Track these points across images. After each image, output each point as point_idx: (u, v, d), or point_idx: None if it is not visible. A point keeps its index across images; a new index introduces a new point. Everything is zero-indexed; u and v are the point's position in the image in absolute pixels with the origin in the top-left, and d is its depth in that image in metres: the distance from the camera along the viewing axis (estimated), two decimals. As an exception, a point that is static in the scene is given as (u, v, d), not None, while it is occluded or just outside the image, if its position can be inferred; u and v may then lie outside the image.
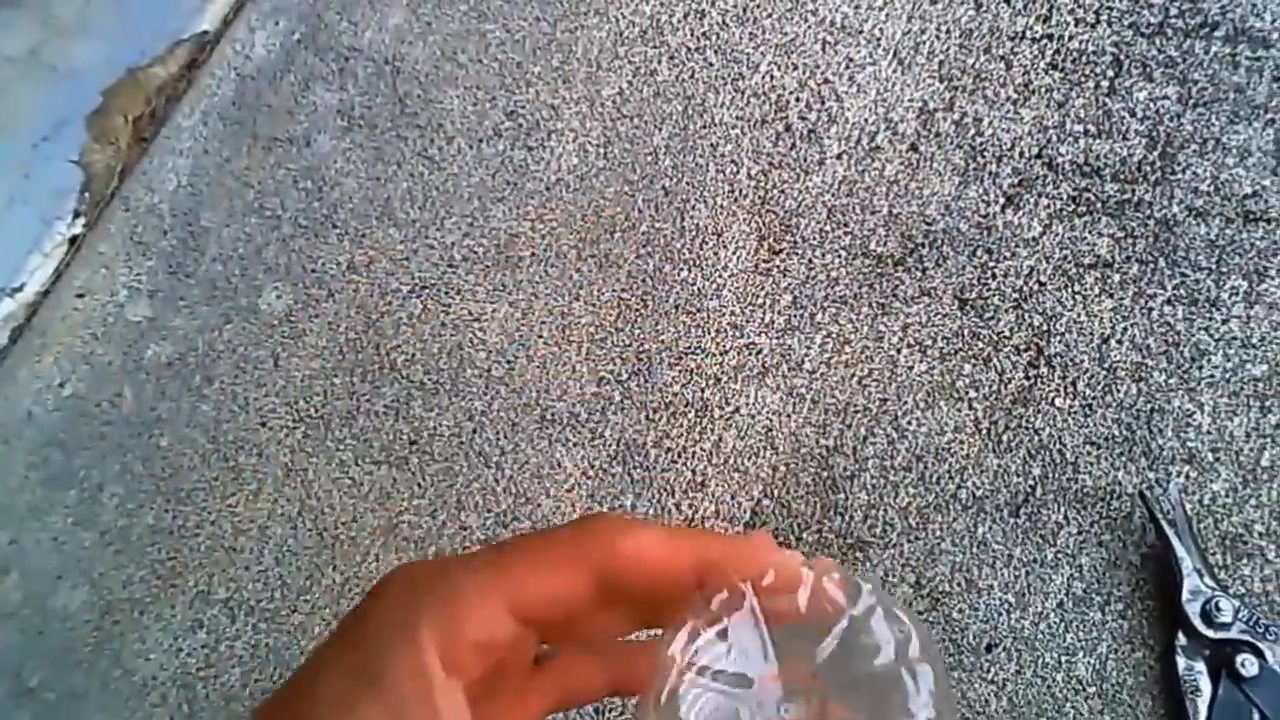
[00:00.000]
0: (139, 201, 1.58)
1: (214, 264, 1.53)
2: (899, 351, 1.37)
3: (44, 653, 1.37)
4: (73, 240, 1.60)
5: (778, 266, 1.43)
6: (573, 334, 1.43)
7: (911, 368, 1.36)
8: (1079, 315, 1.36)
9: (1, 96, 1.69)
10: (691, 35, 1.56)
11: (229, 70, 1.65)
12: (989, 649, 1.22)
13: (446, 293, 1.47)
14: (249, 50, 1.65)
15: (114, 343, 1.51)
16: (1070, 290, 1.37)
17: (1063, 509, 1.27)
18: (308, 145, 1.58)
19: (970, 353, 1.36)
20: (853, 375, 1.37)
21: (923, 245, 1.42)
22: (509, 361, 1.42)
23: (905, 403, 1.35)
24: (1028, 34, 1.49)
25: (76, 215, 1.62)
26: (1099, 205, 1.40)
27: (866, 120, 1.49)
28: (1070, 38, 1.48)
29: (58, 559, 1.40)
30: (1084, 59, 1.47)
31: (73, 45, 1.72)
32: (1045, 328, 1.35)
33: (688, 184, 1.49)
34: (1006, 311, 1.37)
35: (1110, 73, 1.46)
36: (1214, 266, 1.35)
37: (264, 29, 1.66)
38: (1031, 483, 1.29)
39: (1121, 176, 1.41)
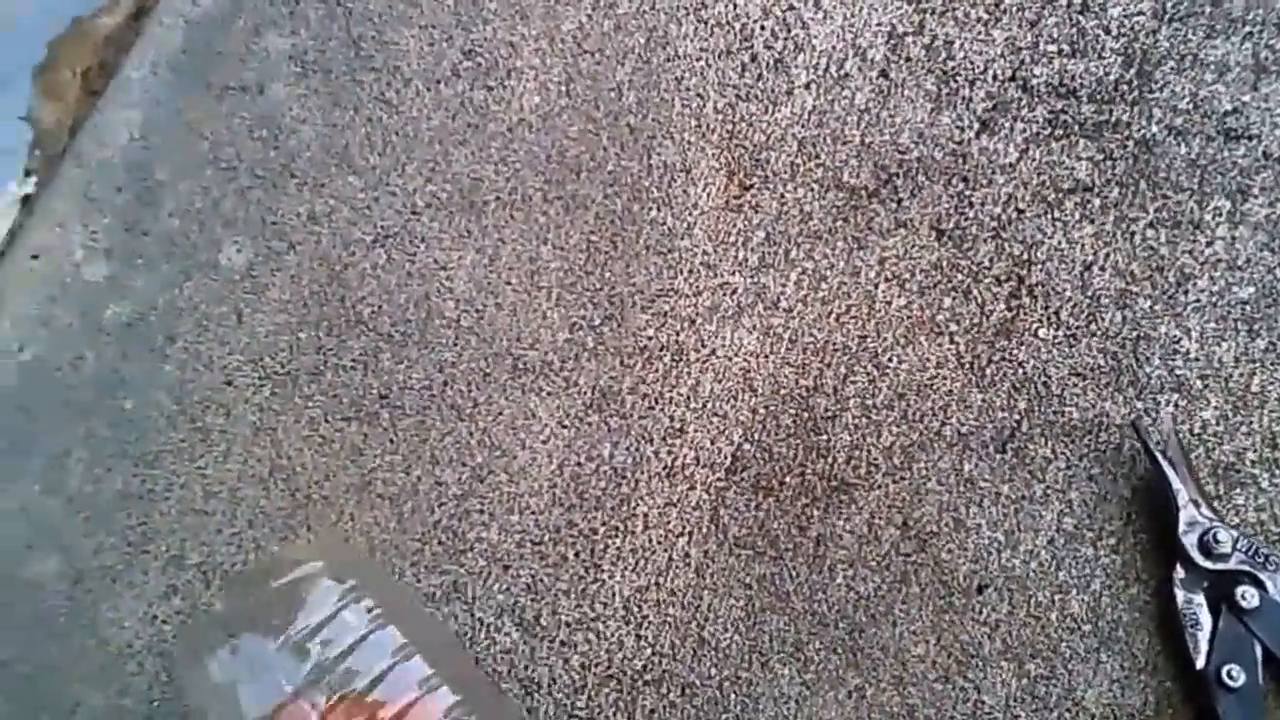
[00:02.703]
0: (91, 157, 1.45)
1: (171, 219, 1.40)
2: (876, 286, 1.27)
3: (16, 625, 1.26)
4: (25, 200, 1.46)
5: (749, 203, 1.32)
6: (542, 280, 1.31)
7: (890, 303, 1.26)
8: (1059, 242, 1.25)
9: (-55, 52, 1.55)
10: (652, -35, 1.43)
11: (177, 18, 1.50)
12: (980, 590, 1.13)
13: (411, 241, 1.35)
14: (197, -4, 1.51)
15: (72, 304, 1.38)
16: (1050, 217, 1.26)
17: (1050, 443, 1.18)
18: (261, 93, 1.44)
19: (950, 285, 1.25)
20: (830, 312, 1.26)
21: (897, 175, 1.30)
22: (478, 310, 1.31)
23: (885, 339, 1.24)
24: (997, -48, 1.37)
25: (28, 174, 1.48)
26: (1076, 127, 1.29)
27: (834, 47, 1.37)
28: (1040, -45, 1.36)
29: (26, 528, 1.29)
30: (1054, -24, 1.35)
31: (14, -4, 1.57)
32: (1025, 256, 1.25)
33: (653, 120, 1.37)
34: (985, 241, 1.26)
35: (1082, -10, 1.35)
36: (1196, 187, 1.24)
37: (212, -27, 1.52)
38: (1017, 417, 1.19)
39: (1098, 97, 1.30)
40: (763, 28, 1.38)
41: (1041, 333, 1.22)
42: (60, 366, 1.36)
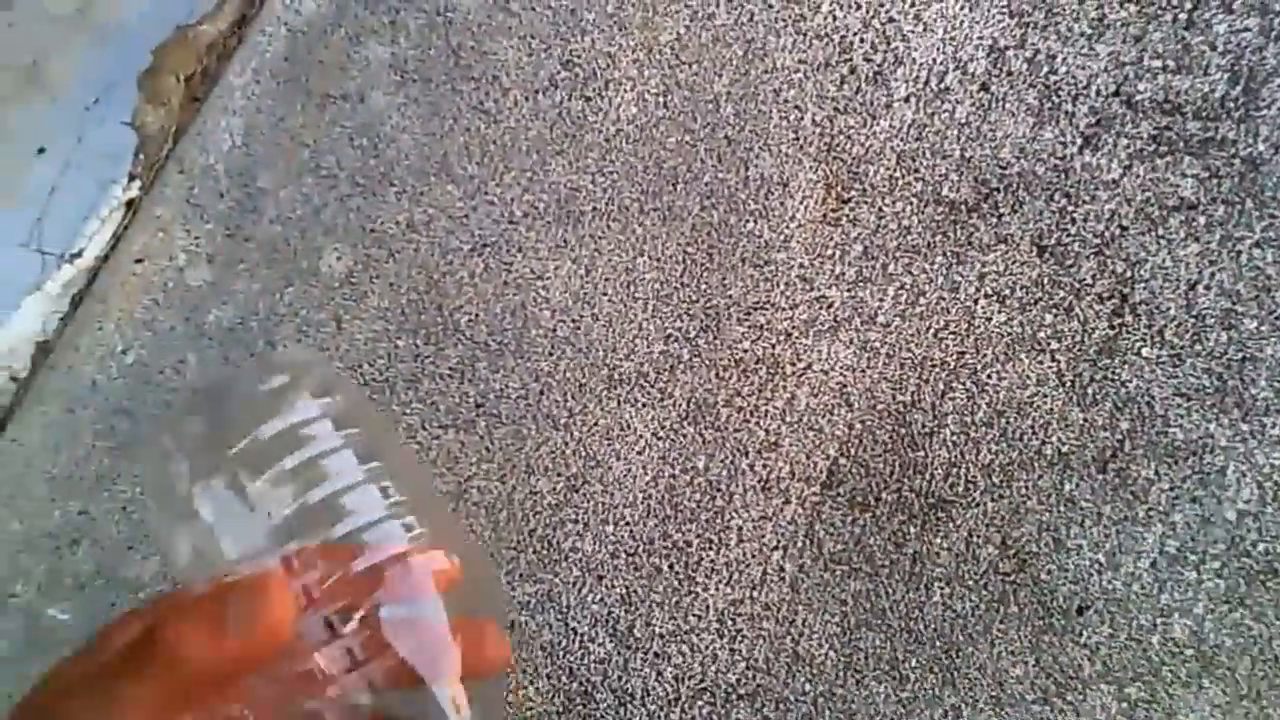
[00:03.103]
0: (194, 163, 1.50)
1: (272, 226, 1.44)
2: (976, 302, 1.28)
3: (118, 622, 1.31)
4: (129, 204, 1.52)
5: (847, 216, 1.34)
6: (638, 290, 1.34)
7: (990, 319, 1.27)
8: (1164, 261, 1.26)
9: (50, 58, 1.61)
10: (751, -24, 1.45)
11: (279, 26, 1.55)
12: (1080, 611, 1.14)
13: (508, 250, 1.38)
14: (299, 5, 1.55)
15: (175, 308, 1.43)
16: (1154, 234, 1.27)
17: (1153, 464, 1.18)
18: (362, 101, 1.48)
19: (1051, 302, 1.26)
20: (928, 328, 1.28)
21: (997, 190, 1.32)
22: (574, 320, 1.34)
23: (984, 355, 1.26)
24: (1102, -35, 1.38)
25: (132, 179, 1.53)
26: (1181, 144, 1.30)
27: (934, 60, 1.39)
28: (1146, -32, 1.37)
29: (127, 529, 1.34)
30: (1161, -10, 1.36)
31: (121, 3, 1.63)
32: (1129, 274, 1.26)
33: (751, 132, 1.39)
34: (1088, 258, 1.27)
35: (1188, 4, 1.35)
36: (1306, 207, 1.25)
37: (312, -18, 1.57)
38: (1119, 437, 1.20)
39: (1204, 114, 1.31)
40: (862, 40, 1.40)
41: (1145, 352, 1.22)
42: (163, 369, 1.40)
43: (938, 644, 1.15)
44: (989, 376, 1.25)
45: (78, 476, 1.37)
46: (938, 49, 1.39)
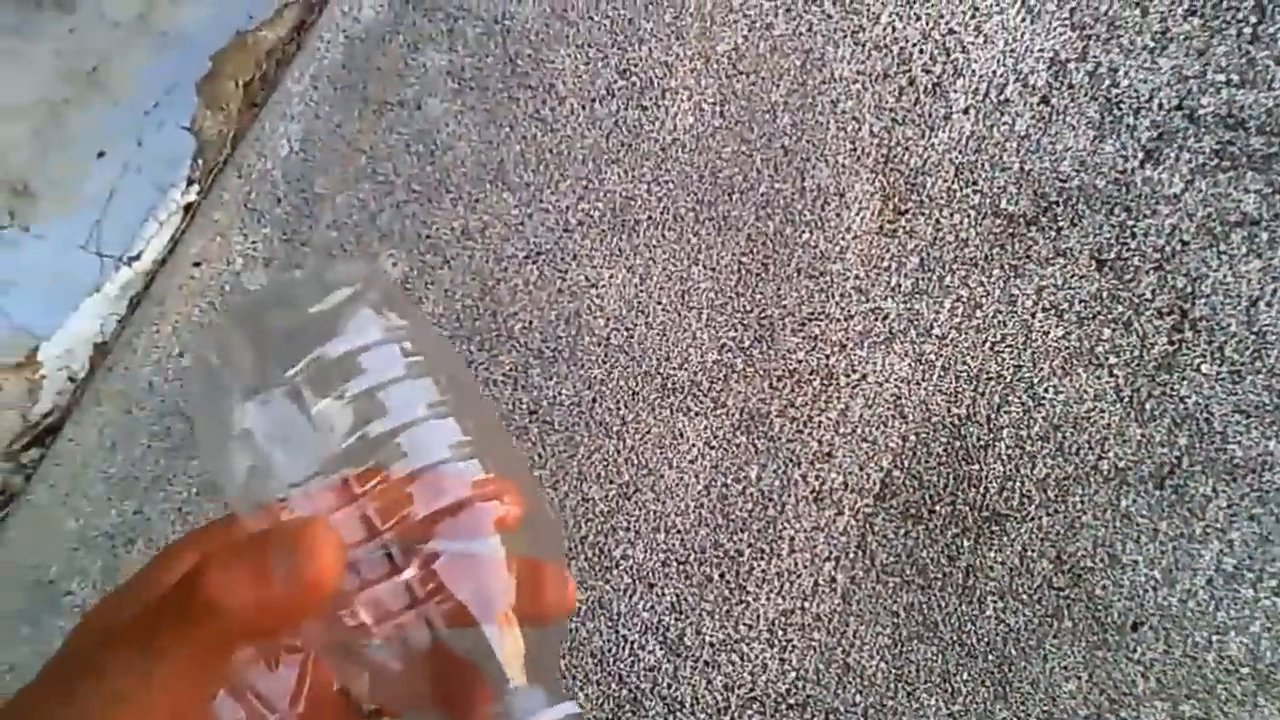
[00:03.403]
0: (251, 168, 1.53)
1: (328, 231, 1.48)
2: (1034, 315, 1.29)
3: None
4: (187, 208, 1.56)
5: (903, 227, 1.35)
6: (692, 299, 1.36)
7: (1047, 332, 1.28)
8: (1225, 276, 1.26)
9: (112, 62, 1.65)
10: (809, -13, 1.47)
11: (337, 32, 1.59)
12: (1135, 627, 1.15)
13: (562, 258, 1.41)
14: (357, 12, 1.59)
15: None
16: (1215, 250, 1.27)
17: (1211, 481, 1.19)
18: (419, 108, 1.51)
19: (1110, 316, 1.27)
20: (985, 341, 1.29)
21: (1057, 203, 1.33)
22: (628, 329, 1.36)
23: (1041, 369, 1.27)
24: (1165, -22, 1.38)
25: (190, 182, 1.57)
26: (1244, 159, 1.30)
27: (994, 72, 1.40)
28: (1210, -19, 1.38)
29: (182, 529, 1.37)
30: (1225, 4, 1.37)
31: (182, 9, 1.67)
32: (1189, 290, 1.26)
33: (807, 142, 1.41)
34: (1148, 273, 1.28)
35: (1253, 18, 1.35)
36: (1372, 223, 1.25)
37: (371, -11, 1.60)
38: (1177, 453, 1.21)
39: (1268, 129, 1.31)
40: (921, 51, 1.41)
41: (1204, 368, 1.23)
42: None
43: (990, 658, 1.16)
44: (1046, 390, 1.25)
45: (133, 477, 1.40)
46: (998, 61, 1.40)
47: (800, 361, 1.32)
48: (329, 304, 0.45)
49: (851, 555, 1.23)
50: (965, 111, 1.39)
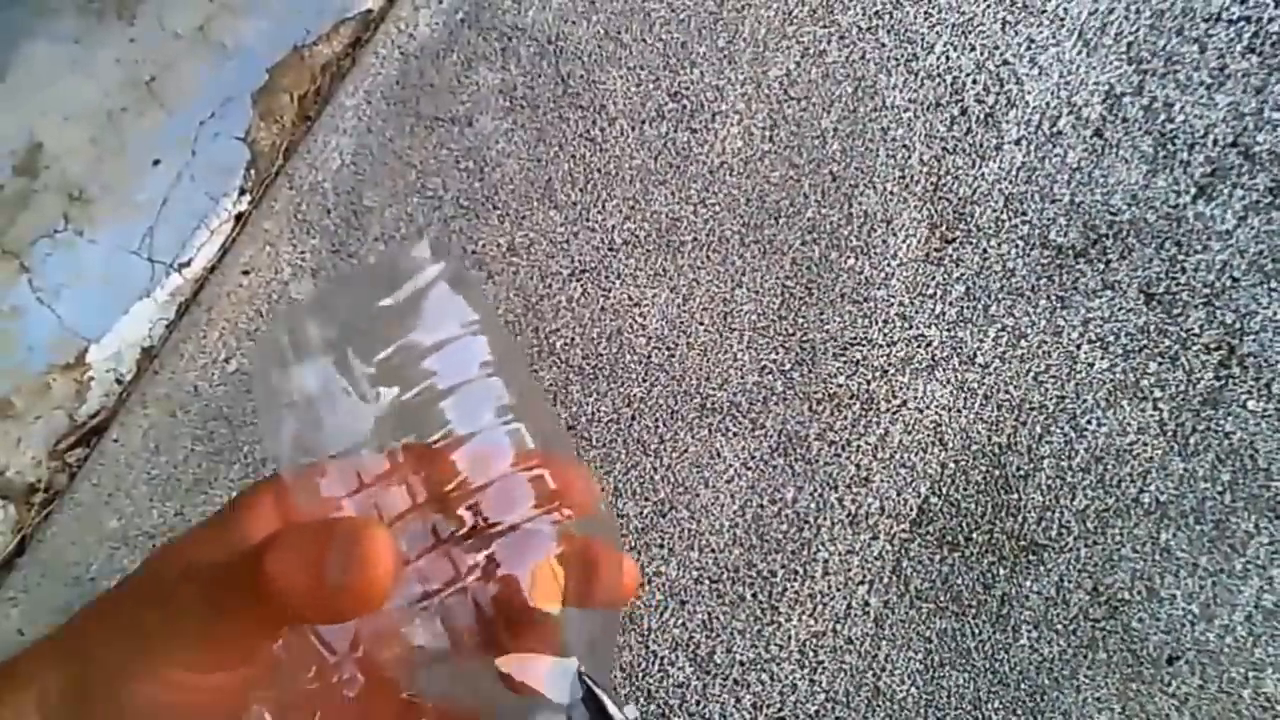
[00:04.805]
0: (303, 179, 1.62)
1: (376, 244, 1.55)
2: (1079, 347, 1.34)
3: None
4: (239, 217, 1.64)
5: (950, 256, 1.41)
6: (735, 321, 1.42)
7: (1092, 364, 1.33)
8: (1275, 314, 1.31)
9: (170, 72, 1.75)
10: (863, 14, 1.54)
11: (393, 49, 1.67)
12: (1170, 661, 1.19)
13: (606, 277, 1.47)
14: (413, 29, 1.67)
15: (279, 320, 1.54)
16: (1266, 287, 1.32)
17: (1253, 517, 1.23)
18: (470, 125, 1.59)
19: (1156, 350, 1.32)
20: (1028, 371, 1.34)
21: (1106, 236, 1.38)
22: (669, 348, 1.42)
23: (1085, 401, 1.31)
24: (1223, 15, 1.44)
25: (242, 192, 1.66)
26: (1299, 196, 1.35)
27: (1048, 104, 1.46)
28: (1269, 20, 1.43)
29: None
30: (1285, 41, 1.42)
31: (241, 22, 1.76)
32: (1238, 326, 1.31)
33: (856, 169, 1.47)
34: (1196, 308, 1.33)
35: (1314, 56, 1.41)
36: None
37: (428, 8, 1.69)
38: (1220, 489, 1.25)
39: (1324, 166, 1.36)
40: (974, 81, 1.47)
41: (1251, 404, 1.27)
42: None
43: (1023, 687, 1.20)
44: (1089, 422, 1.30)
45: (175, 479, 1.48)
46: (1052, 93, 1.46)
47: (841, 386, 1.37)
48: (403, 294, 0.47)
49: (885, 580, 1.28)
50: (1017, 142, 1.45)
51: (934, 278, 1.40)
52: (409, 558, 0.43)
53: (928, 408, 1.35)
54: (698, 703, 1.26)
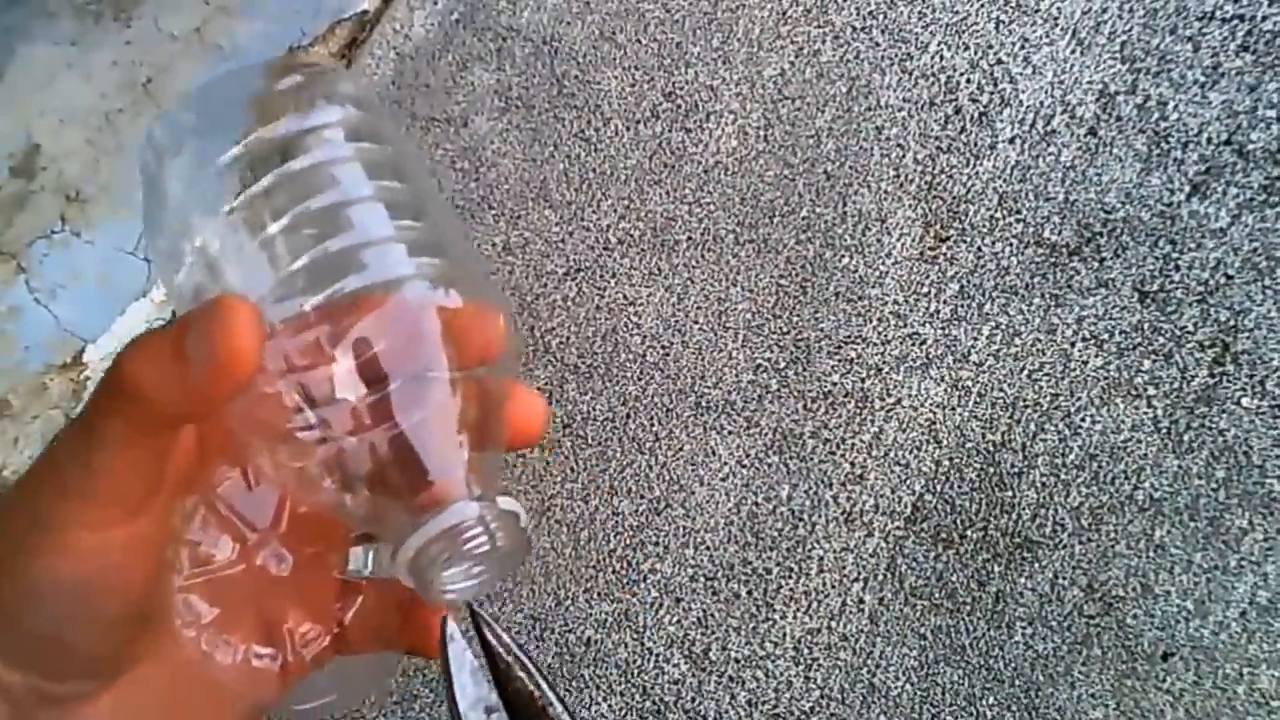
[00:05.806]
0: (298, 180, 1.62)
1: (371, 243, 1.55)
2: (1073, 345, 1.34)
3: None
4: (233, 218, 1.64)
5: (944, 254, 1.41)
6: (729, 320, 1.42)
7: (1086, 362, 1.33)
8: (1269, 311, 1.31)
9: (167, 74, 1.75)
10: (857, 14, 1.54)
11: (388, 50, 1.68)
12: (1165, 657, 1.19)
13: (602, 276, 1.47)
14: (408, 30, 1.68)
15: (272, 320, 1.54)
16: (1260, 284, 1.32)
17: (1248, 514, 1.23)
18: (465, 125, 1.60)
19: (1150, 348, 1.32)
20: (1023, 369, 1.34)
21: (1100, 234, 1.38)
22: (664, 347, 1.42)
23: (1079, 399, 1.32)
24: (1217, 14, 1.44)
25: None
26: (1292, 194, 1.35)
27: (1042, 103, 1.46)
28: (1263, 18, 1.43)
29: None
30: (1277, 41, 1.42)
31: (237, 24, 1.77)
32: (1232, 323, 1.31)
33: (850, 168, 1.47)
34: (1190, 305, 1.33)
35: (1307, 54, 1.41)
36: None
37: (423, 9, 1.69)
38: (1214, 485, 1.25)
39: (1318, 164, 1.36)
40: (969, 80, 1.48)
41: (1245, 402, 1.27)
42: (257, 378, 1.51)
43: (1017, 683, 1.20)
44: (1083, 419, 1.30)
45: (169, 479, 1.47)
46: (1046, 92, 1.46)
47: (835, 384, 1.38)
48: (280, 87, 0.44)
49: (880, 577, 1.28)
50: (1011, 141, 1.45)
51: (928, 276, 1.41)
52: (275, 329, 0.40)
53: (922, 405, 1.35)
54: (693, 699, 1.27)
